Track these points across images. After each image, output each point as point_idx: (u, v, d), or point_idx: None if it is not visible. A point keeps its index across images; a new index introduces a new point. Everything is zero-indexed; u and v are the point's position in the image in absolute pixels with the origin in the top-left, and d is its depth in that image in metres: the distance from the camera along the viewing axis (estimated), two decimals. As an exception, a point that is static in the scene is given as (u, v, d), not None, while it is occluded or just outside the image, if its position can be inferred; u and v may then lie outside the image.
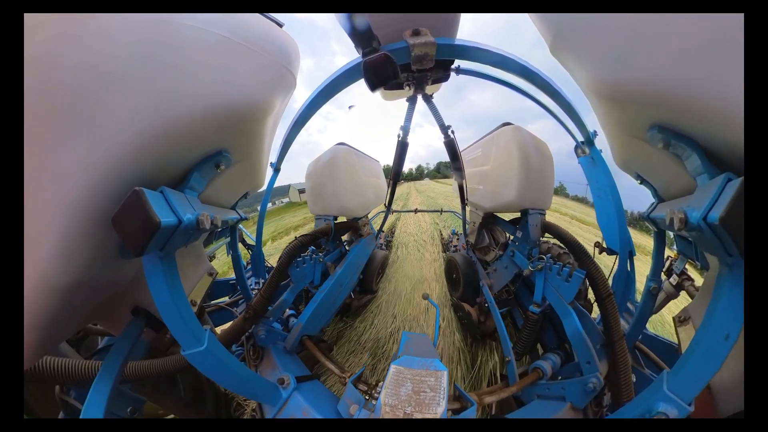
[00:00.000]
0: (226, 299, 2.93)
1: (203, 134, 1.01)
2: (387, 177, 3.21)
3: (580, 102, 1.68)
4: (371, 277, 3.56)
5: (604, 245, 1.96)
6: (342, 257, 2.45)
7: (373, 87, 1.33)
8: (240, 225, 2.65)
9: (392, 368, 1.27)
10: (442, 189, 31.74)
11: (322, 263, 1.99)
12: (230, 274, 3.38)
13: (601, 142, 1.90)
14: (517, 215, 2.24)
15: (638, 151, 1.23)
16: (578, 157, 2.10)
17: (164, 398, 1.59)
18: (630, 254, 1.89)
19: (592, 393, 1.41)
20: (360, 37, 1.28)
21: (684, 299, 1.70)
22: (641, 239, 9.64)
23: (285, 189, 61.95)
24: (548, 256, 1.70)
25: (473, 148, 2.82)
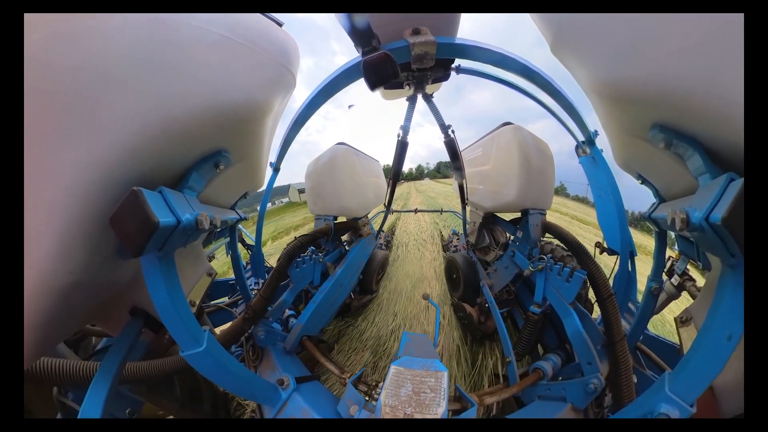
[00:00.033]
0: (226, 300, 2.92)
1: (202, 134, 1.01)
2: (387, 177, 3.21)
3: (581, 101, 1.67)
4: (371, 278, 3.55)
5: (605, 245, 1.96)
6: (342, 257, 2.44)
7: (373, 86, 1.33)
8: (239, 225, 2.64)
9: (392, 369, 1.27)
10: (442, 189, 31.72)
11: (322, 263, 1.98)
12: (229, 275, 3.38)
13: (602, 142, 1.90)
14: (518, 215, 2.23)
15: (639, 151, 1.22)
16: (579, 157, 2.10)
17: (160, 398, 1.58)
18: (631, 254, 1.89)
19: (593, 394, 1.40)
20: (360, 36, 1.27)
21: (685, 300, 1.70)
22: (642, 239, 9.64)
23: (284, 189, 61.99)
24: (549, 257, 1.69)
25: (473, 148, 2.82)
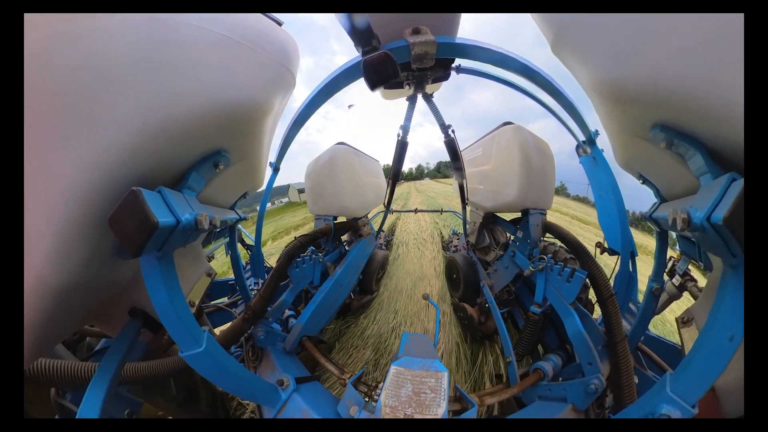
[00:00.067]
0: (225, 300, 2.92)
1: (202, 133, 1.01)
2: (387, 177, 3.20)
3: (582, 101, 1.67)
4: (371, 278, 3.55)
5: (606, 245, 1.95)
6: (342, 257, 2.44)
7: (373, 86, 1.32)
8: (239, 225, 2.64)
9: (392, 369, 1.26)
10: (442, 189, 31.75)
11: (322, 263, 1.98)
12: (229, 275, 3.38)
13: (603, 142, 1.89)
14: (518, 215, 2.23)
15: (640, 151, 1.22)
16: (579, 157, 2.09)
17: (156, 398, 1.57)
18: (632, 254, 1.88)
19: (594, 394, 1.40)
20: (360, 36, 1.26)
21: (686, 300, 1.69)
22: (643, 239, 9.63)
23: (284, 189, 61.99)
24: (549, 257, 1.69)
25: (474, 148, 2.81)
